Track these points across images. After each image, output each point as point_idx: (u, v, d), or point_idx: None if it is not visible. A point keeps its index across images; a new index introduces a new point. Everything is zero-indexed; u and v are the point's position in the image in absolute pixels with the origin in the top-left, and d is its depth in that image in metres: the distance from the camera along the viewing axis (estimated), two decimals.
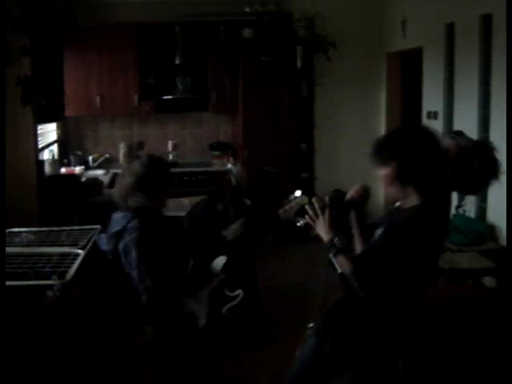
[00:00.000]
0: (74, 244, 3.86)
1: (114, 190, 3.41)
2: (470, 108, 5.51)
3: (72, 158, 7.65)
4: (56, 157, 7.39)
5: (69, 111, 7.42)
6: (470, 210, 5.47)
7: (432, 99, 6.47)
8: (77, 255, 3.63)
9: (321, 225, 2.58)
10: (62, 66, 7.23)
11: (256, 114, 7.46)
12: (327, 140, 7.83)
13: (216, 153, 7.98)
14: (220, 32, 7.45)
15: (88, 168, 7.58)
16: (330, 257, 2.53)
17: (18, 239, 4.05)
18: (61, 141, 7.75)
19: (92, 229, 4.21)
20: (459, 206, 5.60)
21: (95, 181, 6.50)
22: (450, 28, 5.94)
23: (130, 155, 7.82)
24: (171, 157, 7.90)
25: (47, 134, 7.15)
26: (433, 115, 6.38)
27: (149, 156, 3.49)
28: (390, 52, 7.54)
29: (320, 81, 7.65)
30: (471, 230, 5.18)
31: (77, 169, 7.35)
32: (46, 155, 6.83)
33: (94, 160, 7.76)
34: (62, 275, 3.29)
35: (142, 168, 3.28)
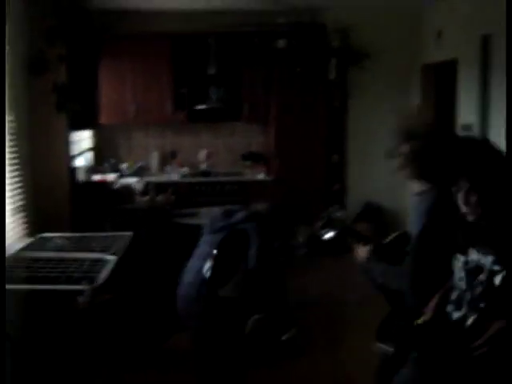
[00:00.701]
0: (106, 250, 3.88)
1: None
2: (505, 122, 5.43)
3: (106, 166, 7.73)
4: (91, 164, 7.47)
5: (103, 119, 7.50)
6: None
7: (466, 112, 6.39)
8: (108, 261, 3.64)
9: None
10: (98, 75, 7.32)
11: (289, 125, 7.47)
12: (359, 152, 7.79)
13: (248, 163, 7.99)
14: (254, 43, 7.47)
15: (121, 176, 7.65)
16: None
17: (50, 244, 4.09)
18: (95, 148, 7.84)
19: (124, 235, 4.24)
20: None
21: (128, 188, 6.55)
22: (486, 40, 5.87)
23: (163, 164, 7.90)
24: (204, 166, 7.93)
25: (82, 142, 7.24)
26: (468, 128, 6.30)
27: None
28: (425, 64, 7.48)
29: (353, 92, 7.63)
30: None
31: (110, 176, 7.42)
32: (81, 162, 6.91)
33: (128, 168, 7.83)
34: (93, 280, 3.31)
35: None
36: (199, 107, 7.71)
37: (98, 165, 7.75)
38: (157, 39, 7.45)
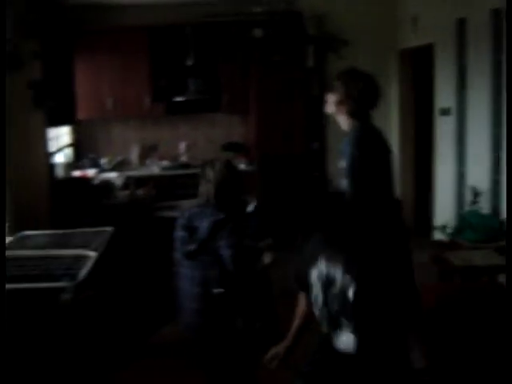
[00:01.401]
0: (87, 246, 3.87)
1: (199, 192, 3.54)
2: (483, 104, 5.47)
3: (85, 161, 7.67)
4: (69, 160, 7.42)
5: (81, 114, 7.44)
6: (485, 207, 5.42)
7: (444, 96, 6.42)
8: (89, 257, 3.63)
9: None
10: (73, 70, 7.26)
11: (268, 114, 7.46)
12: (339, 139, 7.78)
13: (229, 153, 7.97)
14: (231, 32, 7.44)
15: (101, 171, 7.61)
16: None
17: (31, 242, 4.07)
18: (74, 144, 7.78)
19: (105, 231, 4.22)
20: (474, 203, 5.58)
21: (108, 183, 6.52)
22: (461, 24, 5.90)
23: (143, 157, 7.86)
24: (184, 158, 7.91)
25: (61, 138, 7.18)
26: (446, 112, 6.34)
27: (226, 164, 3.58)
28: (402, 49, 7.50)
29: (331, 79, 7.61)
30: (486, 227, 5.13)
31: (90, 171, 7.37)
32: (60, 158, 6.86)
33: (107, 163, 7.79)
34: (74, 277, 3.29)
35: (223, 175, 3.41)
36: (178, 99, 7.67)
37: (78, 160, 7.70)
38: (133, 32, 7.40)
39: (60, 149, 6.96)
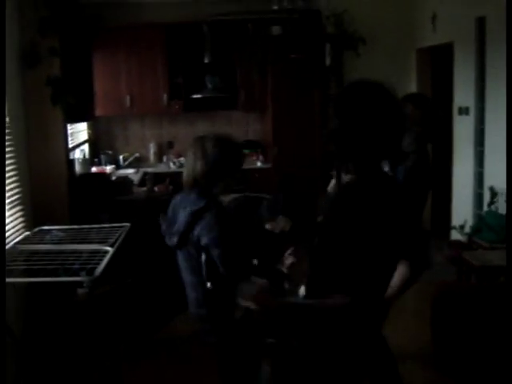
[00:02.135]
0: (104, 241, 3.88)
1: (185, 172, 3.21)
2: (502, 103, 5.42)
3: (103, 158, 7.72)
4: (87, 156, 7.47)
5: (99, 111, 7.47)
6: (503, 207, 5.38)
7: (463, 95, 6.38)
8: (106, 252, 3.64)
9: None
10: (92, 67, 7.29)
11: (285, 112, 7.46)
12: None
13: (245, 151, 7.97)
14: (248, 30, 7.45)
15: (118, 167, 7.64)
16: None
17: (49, 237, 4.09)
18: (92, 140, 7.83)
19: (121, 226, 4.23)
20: (492, 203, 5.54)
21: (125, 179, 6.55)
22: (481, 22, 5.85)
23: (160, 154, 7.90)
24: None
25: (78, 134, 7.22)
26: (464, 111, 6.30)
27: (222, 139, 3.13)
28: (420, 48, 7.46)
29: (349, 77, 7.60)
30: (504, 228, 5.09)
31: (107, 168, 7.42)
32: (78, 154, 6.90)
33: (125, 159, 7.83)
34: (91, 272, 3.30)
35: (217, 152, 3.05)
36: (195, 96, 7.69)
37: (95, 157, 7.75)
38: (151, 29, 7.43)
39: (78, 145, 7.00)
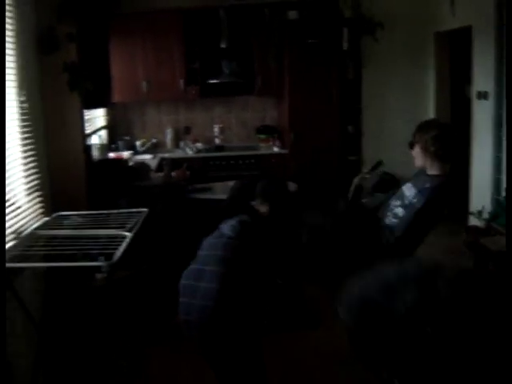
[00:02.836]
0: (122, 227, 3.90)
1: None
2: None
3: (120, 143, 7.75)
4: (104, 142, 7.50)
5: (116, 97, 7.50)
6: None
7: (482, 79, 6.31)
8: (124, 237, 3.66)
9: None
10: (109, 52, 7.30)
11: (302, 97, 7.42)
12: (375, 122, 7.73)
13: (262, 136, 7.97)
14: (265, 15, 7.40)
15: (136, 153, 7.67)
16: None
17: (67, 222, 4.12)
18: (109, 126, 7.86)
19: (139, 212, 4.25)
20: None
21: (142, 165, 6.56)
22: (500, 5, 5.77)
23: (177, 140, 7.91)
24: (217, 141, 7.93)
25: (96, 120, 7.25)
26: (483, 95, 6.23)
27: None
28: (439, 31, 7.38)
29: (367, 62, 7.55)
30: None
31: (125, 153, 7.44)
32: (95, 140, 6.93)
33: (142, 145, 7.85)
34: (110, 257, 3.33)
35: None
36: (212, 81, 7.67)
37: (112, 143, 7.78)
38: (167, 14, 7.41)
39: (95, 131, 7.03)
